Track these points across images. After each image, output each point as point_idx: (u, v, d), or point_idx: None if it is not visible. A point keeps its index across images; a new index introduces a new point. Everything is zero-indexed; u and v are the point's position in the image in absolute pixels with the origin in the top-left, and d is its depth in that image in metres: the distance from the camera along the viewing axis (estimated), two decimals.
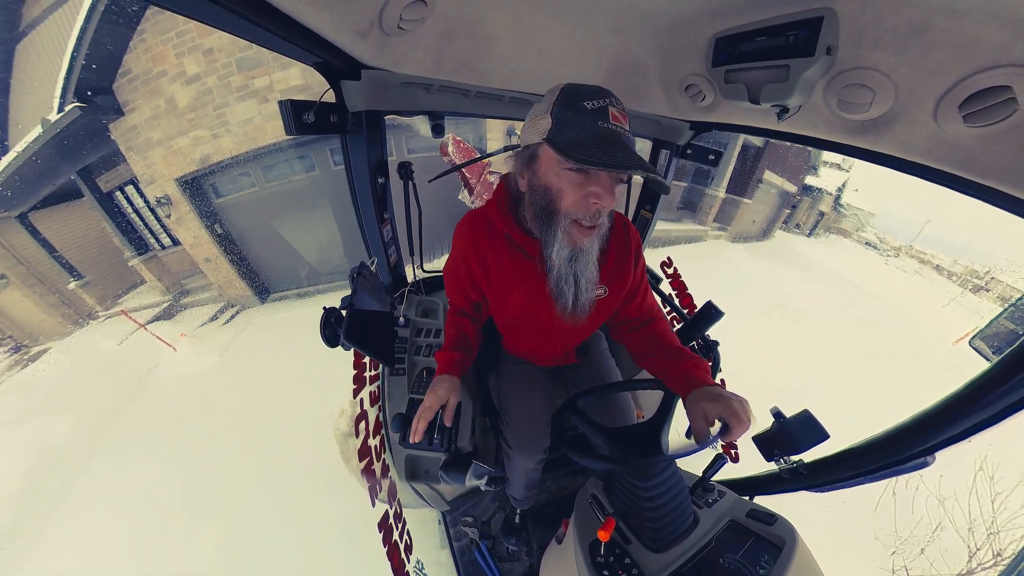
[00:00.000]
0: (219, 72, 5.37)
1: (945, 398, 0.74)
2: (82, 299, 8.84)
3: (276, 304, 7.52)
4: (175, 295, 8.70)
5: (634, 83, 1.13)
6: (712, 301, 1.37)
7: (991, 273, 20.43)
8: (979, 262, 20.91)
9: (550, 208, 0.75)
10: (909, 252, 23.65)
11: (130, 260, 8.09)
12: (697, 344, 1.42)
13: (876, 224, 26.72)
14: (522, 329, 1.15)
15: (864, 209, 25.04)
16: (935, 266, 21.80)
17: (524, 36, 0.98)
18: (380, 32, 0.83)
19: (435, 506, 1.51)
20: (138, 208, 8.05)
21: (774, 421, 0.96)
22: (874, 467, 0.87)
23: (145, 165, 6.12)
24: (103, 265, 9.36)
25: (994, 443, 1.82)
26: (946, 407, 0.74)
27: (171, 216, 6.49)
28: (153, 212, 7.79)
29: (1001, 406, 0.65)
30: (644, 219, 1.84)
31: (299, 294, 7.63)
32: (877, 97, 0.73)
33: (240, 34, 0.75)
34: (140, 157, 6.06)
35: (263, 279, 7.55)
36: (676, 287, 1.63)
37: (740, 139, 10.73)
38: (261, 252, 7.28)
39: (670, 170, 1.64)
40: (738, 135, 9.26)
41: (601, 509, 1.03)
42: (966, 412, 0.70)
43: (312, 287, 7.64)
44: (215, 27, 0.73)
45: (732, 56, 0.87)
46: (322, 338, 1.07)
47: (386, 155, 1.23)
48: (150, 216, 8.13)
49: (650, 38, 0.98)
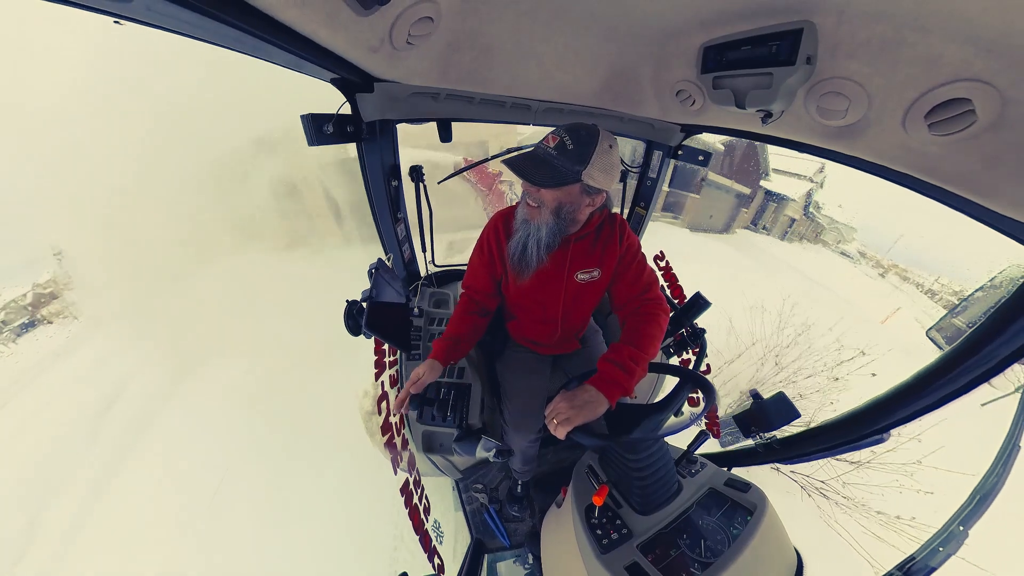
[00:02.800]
0: None
1: (898, 385, 0.80)
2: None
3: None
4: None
5: (629, 89, 1.16)
6: (700, 292, 1.42)
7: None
8: (957, 279, 20.49)
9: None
10: (894, 269, 23.10)
11: None
12: (686, 332, 1.48)
13: (858, 237, 26.09)
14: (528, 304, 1.24)
15: (846, 223, 24.89)
16: (916, 284, 21.38)
17: (524, 46, 1.02)
18: (390, 47, 0.87)
19: (449, 475, 1.64)
20: None
21: (752, 401, 1.03)
22: (837, 443, 0.94)
23: None
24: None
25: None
26: (899, 393, 0.80)
27: None
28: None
29: (945, 392, 0.71)
30: (638, 215, 1.89)
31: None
32: (852, 105, 0.76)
33: (263, 56, 0.80)
34: None
35: None
36: (668, 279, 1.67)
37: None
38: None
39: (663, 169, 1.67)
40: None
41: (596, 478, 1.11)
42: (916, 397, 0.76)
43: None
44: (239, 52, 0.78)
45: (719, 64, 0.90)
46: (345, 327, 1.16)
47: (398, 160, 1.29)
48: None
49: (643, 47, 1.00)
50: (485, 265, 1.18)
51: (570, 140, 0.90)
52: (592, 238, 1.12)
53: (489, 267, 1.18)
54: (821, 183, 19.66)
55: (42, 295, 10.14)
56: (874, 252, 26.16)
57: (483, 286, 1.23)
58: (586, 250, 1.12)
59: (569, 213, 0.98)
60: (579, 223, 1.04)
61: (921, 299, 19.09)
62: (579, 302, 1.21)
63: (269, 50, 0.75)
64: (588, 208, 1.01)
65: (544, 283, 1.15)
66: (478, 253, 1.20)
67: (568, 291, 1.18)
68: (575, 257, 1.12)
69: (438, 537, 1.28)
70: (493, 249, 1.16)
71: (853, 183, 14.96)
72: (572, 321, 1.30)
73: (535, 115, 1.30)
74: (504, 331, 1.48)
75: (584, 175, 0.90)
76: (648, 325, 1.03)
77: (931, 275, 21.64)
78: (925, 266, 24.06)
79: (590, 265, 1.13)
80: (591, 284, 1.16)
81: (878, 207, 36.76)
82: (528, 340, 1.42)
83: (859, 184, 4.77)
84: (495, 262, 1.17)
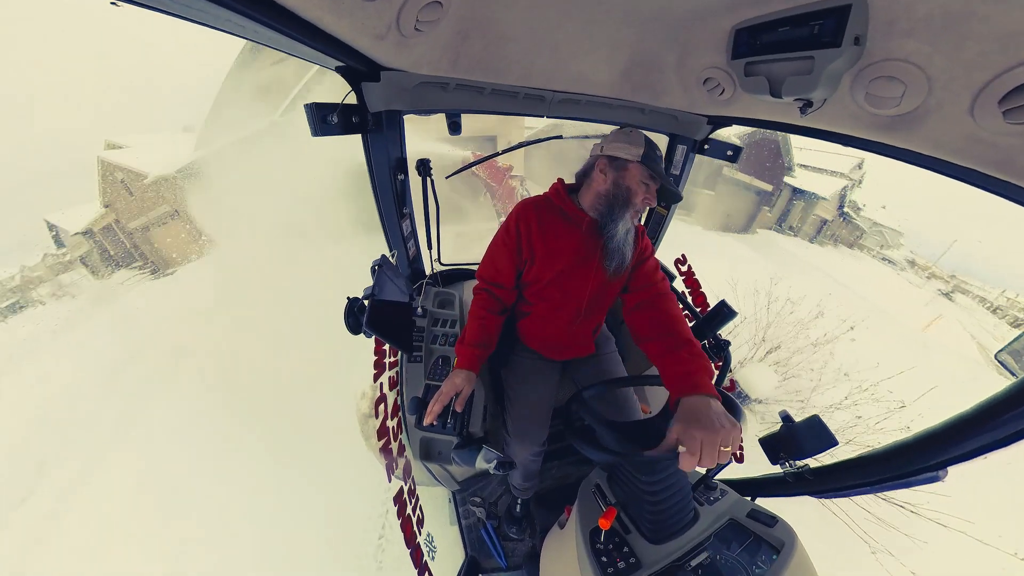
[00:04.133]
0: None
1: (959, 414, 0.70)
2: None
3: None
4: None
5: (650, 78, 1.09)
6: (725, 300, 1.33)
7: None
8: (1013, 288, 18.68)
9: (627, 200, 1.07)
10: (950, 281, 21.23)
11: None
12: (708, 343, 1.38)
13: (905, 243, 24.16)
14: (549, 299, 1.23)
15: (892, 227, 23.10)
16: (977, 297, 19.64)
17: (538, 33, 0.97)
18: (398, 34, 0.84)
19: (446, 485, 1.58)
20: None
21: (782, 424, 0.94)
22: (882, 478, 0.84)
23: None
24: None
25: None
26: (960, 423, 0.69)
27: None
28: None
29: (1015, 428, 0.61)
30: (659, 215, 1.80)
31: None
32: (908, 90, 0.68)
33: (265, 42, 0.79)
34: None
35: None
36: (689, 284, 1.58)
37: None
38: None
39: (686, 166, 1.58)
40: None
41: (603, 498, 1.04)
42: (981, 430, 0.66)
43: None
44: (241, 37, 0.77)
45: (753, 48, 0.83)
46: (345, 326, 1.13)
47: (405, 153, 1.27)
48: None
49: (667, 31, 0.94)
50: (511, 252, 1.17)
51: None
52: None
53: (515, 254, 1.17)
54: (859, 181, 18.16)
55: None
56: (925, 260, 24.31)
57: (505, 277, 1.21)
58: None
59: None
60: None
61: (982, 315, 17.60)
62: (605, 288, 1.21)
63: (272, 36, 0.73)
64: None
65: (573, 268, 1.16)
66: (502, 239, 1.18)
67: (596, 275, 1.17)
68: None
69: (430, 552, 1.23)
70: (522, 234, 1.15)
71: (898, 182, 13.90)
72: (595, 310, 1.28)
73: (549, 106, 1.24)
74: (512, 335, 1.43)
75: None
76: (671, 310, 1.10)
77: (994, 288, 19.95)
78: (986, 278, 22.18)
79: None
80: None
81: (929, 210, 34.42)
82: (540, 341, 1.37)
83: (906, 183, 4.35)
84: (521, 249, 1.16)
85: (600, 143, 1.11)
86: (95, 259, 14.92)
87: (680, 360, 0.93)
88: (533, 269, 1.18)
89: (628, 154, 1.04)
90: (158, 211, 12.76)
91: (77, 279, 15.13)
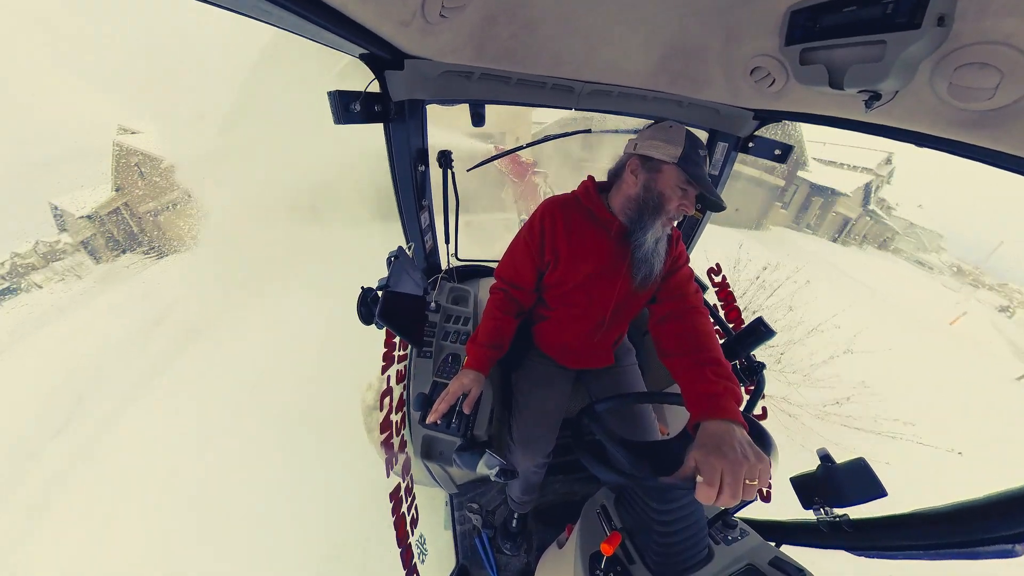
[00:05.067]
0: None
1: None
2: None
3: None
4: None
5: (690, 67, 1.01)
6: (763, 318, 1.21)
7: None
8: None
9: (659, 206, 0.98)
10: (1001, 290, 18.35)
11: None
12: (740, 364, 1.27)
13: (947, 247, 21.11)
14: (572, 305, 1.18)
15: (929, 228, 20.41)
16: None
17: (569, 19, 0.92)
18: (423, 21, 0.83)
19: (444, 487, 1.55)
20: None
21: (820, 464, 0.83)
22: (939, 542, 0.71)
23: None
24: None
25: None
26: None
27: None
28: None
29: None
30: (693, 219, 1.68)
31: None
32: (1005, 80, 0.57)
33: (289, 28, 0.79)
34: None
35: None
36: (723, 298, 1.46)
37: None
38: None
39: (727, 166, 1.46)
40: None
41: (608, 522, 0.99)
42: None
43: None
44: (265, 22, 0.78)
45: (811, 32, 0.73)
46: (358, 315, 1.15)
47: (426, 143, 1.26)
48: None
49: (711, 15, 0.86)
50: (532, 253, 1.12)
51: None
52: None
53: (536, 256, 1.12)
54: (888, 177, 16.45)
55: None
56: (971, 266, 21.32)
57: (524, 279, 1.17)
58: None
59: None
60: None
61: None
62: (633, 298, 1.14)
63: (296, 21, 0.73)
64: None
65: (600, 273, 1.10)
66: (524, 239, 1.14)
67: (623, 283, 1.11)
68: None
69: (421, 554, 1.21)
70: (546, 235, 1.10)
71: (933, 178, 12.34)
72: (619, 320, 1.21)
73: (578, 98, 1.19)
74: (526, 338, 1.38)
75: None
76: (702, 327, 1.02)
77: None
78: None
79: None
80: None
81: (978, 211, 29.82)
82: (556, 347, 1.32)
83: (942, 178, 3.64)
84: (544, 250, 1.11)
85: (634, 139, 1.02)
86: (99, 243, 14.89)
87: (704, 379, 0.86)
88: (556, 272, 1.13)
89: (663, 154, 0.94)
90: (170, 196, 12.91)
91: (75, 263, 14.92)
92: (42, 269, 15.24)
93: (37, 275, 14.96)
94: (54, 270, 15.05)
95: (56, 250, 15.66)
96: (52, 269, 15.14)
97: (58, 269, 14.96)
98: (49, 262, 15.45)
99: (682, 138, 0.94)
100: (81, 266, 14.99)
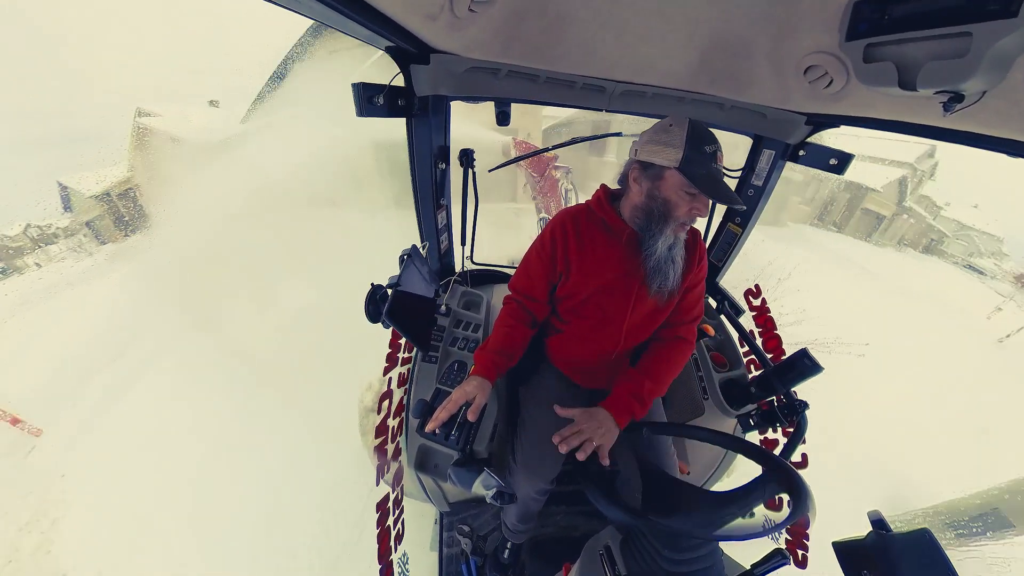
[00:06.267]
0: None
1: None
2: None
3: None
4: None
5: (734, 67, 0.94)
6: (808, 350, 1.08)
7: None
8: None
9: (666, 214, 0.95)
10: None
11: None
12: (778, 401, 1.13)
13: (1010, 252, 18.23)
14: (585, 319, 1.14)
15: (988, 232, 17.80)
16: None
17: (602, 14, 0.89)
18: (450, 15, 0.82)
19: (436, 504, 1.47)
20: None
21: (871, 531, 0.70)
22: None
23: None
24: None
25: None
26: None
27: None
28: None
29: None
30: (732, 233, 1.57)
31: None
32: None
33: (317, 18, 0.81)
34: None
35: None
36: (761, 324, 1.33)
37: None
38: None
39: (772, 177, 1.34)
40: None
41: (612, 566, 0.90)
42: None
43: None
44: (293, 11, 0.79)
45: (878, 25, 0.65)
46: (365, 312, 1.13)
47: (448, 141, 1.25)
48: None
49: (759, 7, 0.79)
50: (544, 265, 1.11)
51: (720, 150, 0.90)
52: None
53: (548, 267, 1.11)
54: (930, 173, 14.66)
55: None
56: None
57: (537, 290, 1.15)
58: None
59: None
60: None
61: None
62: (649, 317, 1.12)
63: (323, 11, 0.74)
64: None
65: (614, 288, 1.08)
66: (538, 251, 1.14)
67: (639, 300, 1.08)
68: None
69: (402, 574, 1.14)
70: (558, 246, 1.09)
71: (991, 175, 10.60)
72: (636, 339, 1.16)
73: (610, 98, 1.14)
74: (538, 350, 1.32)
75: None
76: (675, 359, 1.10)
77: None
78: None
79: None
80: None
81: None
82: (569, 363, 1.26)
83: (1004, 176, 2.95)
84: (556, 261, 1.10)
85: (635, 143, 0.97)
86: (106, 224, 14.23)
87: (621, 383, 1.06)
88: (568, 284, 1.11)
89: (664, 159, 0.89)
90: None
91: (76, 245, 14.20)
92: (32, 253, 14.35)
93: (29, 258, 14.16)
94: (48, 254, 14.28)
95: (48, 235, 14.86)
96: (47, 253, 14.31)
97: (53, 253, 14.27)
98: (40, 246, 14.55)
99: (683, 139, 0.87)
100: (82, 248, 14.36)
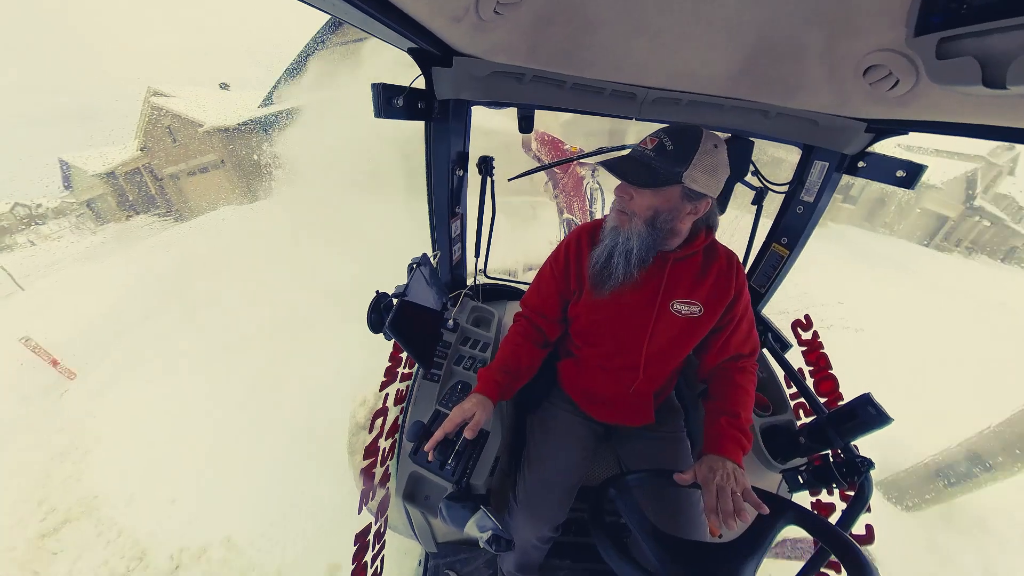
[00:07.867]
0: None
1: None
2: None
3: None
4: None
5: (781, 70, 0.88)
6: (872, 396, 0.92)
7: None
8: None
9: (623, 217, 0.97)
10: None
11: None
12: (835, 456, 0.97)
13: None
14: (601, 335, 1.07)
15: None
16: None
17: (634, 17, 0.86)
18: (475, 17, 0.82)
19: (422, 542, 1.32)
20: None
21: None
22: None
23: None
24: None
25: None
26: None
27: None
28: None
29: None
30: (777, 255, 1.44)
31: None
32: None
33: (340, 15, 0.82)
34: None
35: None
36: (811, 361, 1.17)
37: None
38: None
39: (824, 192, 1.22)
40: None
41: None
42: None
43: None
44: (318, 9, 0.81)
45: (955, 15, 0.58)
46: (367, 321, 1.09)
47: (468, 147, 1.23)
48: None
49: (810, 5, 0.74)
50: (557, 280, 1.09)
51: (669, 141, 0.85)
52: (699, 261, 1.00)
53: (561, 283, 1.09)
54: (1010, 168, 13.00)
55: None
56: None
57: (549, 307, 1.11)
58: (689, 275, 0.99)
59: (666, 222, 0.90)
60: (679, 236, 0.95)
61: None
62: (671, 344, 1.04)
63: (347, 9, 0.74)
64: (690, 216, 0.91)
65: (629, 309, 1.01)
66: (550, 266, 1.12)
67: (659, 324, 0.99)
68: (673, 281, 0.99)
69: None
70: (571, 261, 1.07)
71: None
72: (658, 370, 1.06)
73: (640, 106, 1.10)
74: (549, 376, 1.22)
75: (685, 176, 0.83)
76: (743, 384, 1.01)
77: None
78: None
79: (692, 296, 1.00)
80: (690, 322, 1.00)
81: None
82: (583, 392, 1.15)
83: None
84: (569, 277, 1.08)
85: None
86: (108, 204, 14.05)
87: (716, 423, 0.95)
88: (580, 303, 1.06)
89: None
90: (201, 159, 12.57)
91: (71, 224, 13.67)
92: (21, 232, 14.19)
93: (20, 236, 13.92)
94: (40, 233, 14.16)
95: (36, 215, 14.79)
96: (37, 232, 14.18)
97: (43, 233, 14.20)
98: (29, 225, 14.39)
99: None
100: (78, 229, 14.28)
